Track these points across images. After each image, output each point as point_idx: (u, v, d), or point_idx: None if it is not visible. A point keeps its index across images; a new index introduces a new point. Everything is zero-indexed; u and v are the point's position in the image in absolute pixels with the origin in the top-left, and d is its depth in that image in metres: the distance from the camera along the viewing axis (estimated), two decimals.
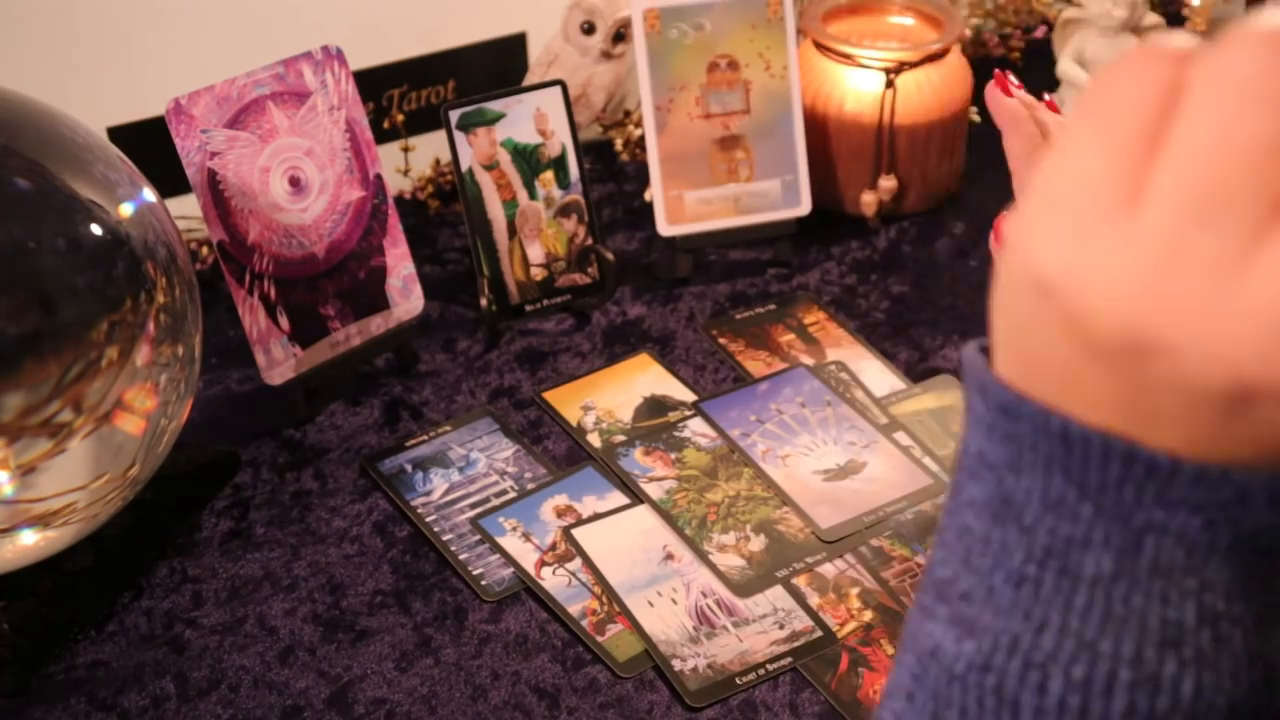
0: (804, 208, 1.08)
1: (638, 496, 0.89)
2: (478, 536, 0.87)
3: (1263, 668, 0.34)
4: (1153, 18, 1.22)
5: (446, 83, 1.18)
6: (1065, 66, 1.24)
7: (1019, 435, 0.35)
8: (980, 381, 0.35)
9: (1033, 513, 0.35)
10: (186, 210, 1.01)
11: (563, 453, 0.93)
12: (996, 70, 0.87)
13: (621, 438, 0.94)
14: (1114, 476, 0.34)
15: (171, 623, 0.82)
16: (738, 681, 0.78)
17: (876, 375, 0.99)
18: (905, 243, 1.13)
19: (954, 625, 0.36)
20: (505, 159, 1.00)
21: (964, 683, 0.35)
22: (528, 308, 1.03)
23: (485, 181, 1.00)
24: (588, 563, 0.84)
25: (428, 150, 1.19)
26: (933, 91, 1.12)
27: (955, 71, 1.14)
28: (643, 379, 0.99)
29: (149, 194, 0.80)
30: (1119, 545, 0.34)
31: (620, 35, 1.13)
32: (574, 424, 0.95)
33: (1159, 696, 0.34)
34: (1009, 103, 0.85)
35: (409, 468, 0.92)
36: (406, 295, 0.99)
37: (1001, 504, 0.36)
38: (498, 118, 1.00)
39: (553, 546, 0.86)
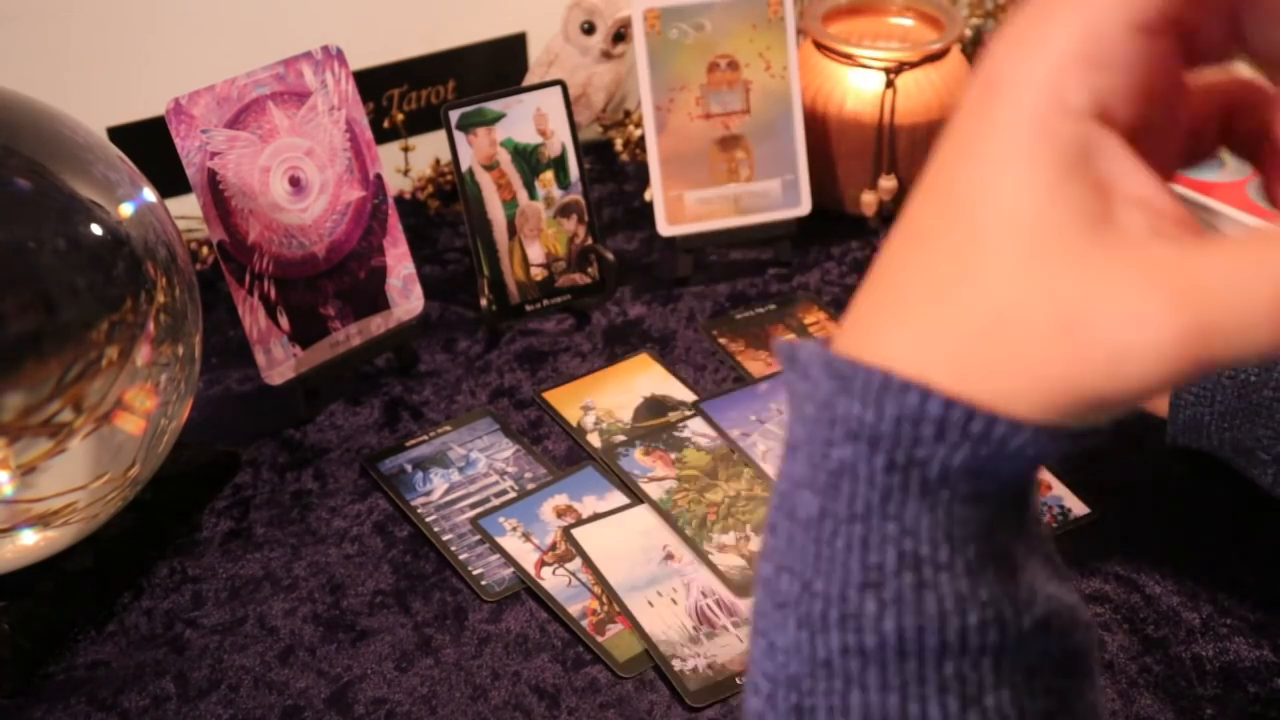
0: (804, 208, 1.08)
1: (638, 496, 0.89)
2: (478, 536, 0.87)
3: (983, 611, 0.35)
4: None
5: (446, 83, 1.18)
6: None
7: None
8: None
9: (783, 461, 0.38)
10: (186, 210, 1.01)
11: (563, 453, 0.93)
12: None
13: (621, 438, 0.93)
14: (812, 416, 0.36)
15: (171, 623, 0.82)
16: (738, 681, 0.78)
17: None
18: None
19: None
20: (505, 159, 1.00)
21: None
22: (528, 308, 1.03)
23: (485, 181, 1.00)
24: (588, 563, 0.84)
25: (428, 150, 1.19)
26: (933, 91, 1.12)
27: (955, 71, 1.14)
28: (643, 379, 0.99)
29: (149, 194, 0.80)
30: (821, 486, 0.36)
31: (620, 35, 1.13)
32: (574, 424, 0.95)
33: (865, 635, 0.35)
34: None
35: (409, 468, 0.92)
36: (406, 295, 0.99)
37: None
38: (498, 118, 1.00)
39: (553, 546, 0.86)
